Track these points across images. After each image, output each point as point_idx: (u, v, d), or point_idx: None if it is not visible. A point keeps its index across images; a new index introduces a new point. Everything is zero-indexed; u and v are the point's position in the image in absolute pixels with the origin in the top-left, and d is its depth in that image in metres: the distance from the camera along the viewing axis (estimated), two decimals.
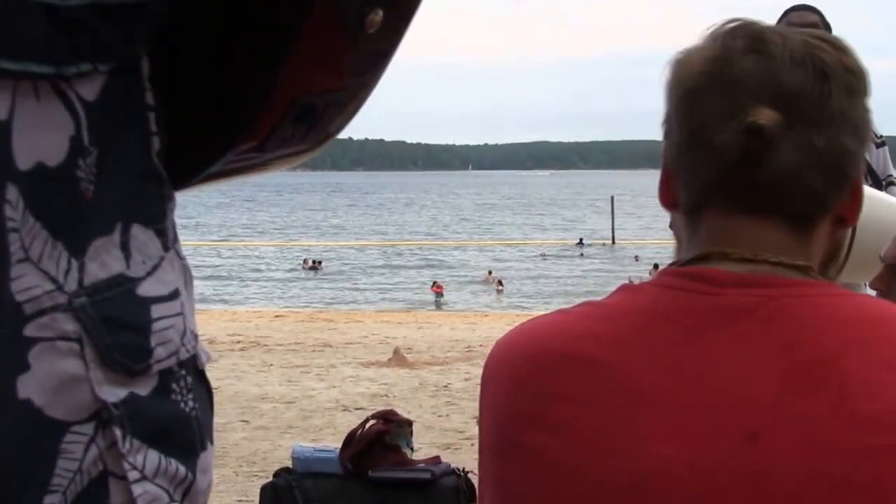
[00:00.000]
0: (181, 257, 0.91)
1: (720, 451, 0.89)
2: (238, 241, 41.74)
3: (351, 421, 5.77)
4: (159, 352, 0.84)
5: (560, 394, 0.97)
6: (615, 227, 37.30)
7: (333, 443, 4.87)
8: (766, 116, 0.95)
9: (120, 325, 0.81)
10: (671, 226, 1.09)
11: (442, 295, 22.30)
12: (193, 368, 0.89)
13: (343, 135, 1.07)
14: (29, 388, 0.76)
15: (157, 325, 0.84)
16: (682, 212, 1.03)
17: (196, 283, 0.94)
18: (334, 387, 7.84)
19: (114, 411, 0.80)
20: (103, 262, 0.80)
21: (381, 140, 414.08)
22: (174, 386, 0.86)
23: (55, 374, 0.77)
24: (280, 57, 0.90)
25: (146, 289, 0.84)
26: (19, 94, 0.75)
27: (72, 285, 0.78)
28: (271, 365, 8.98)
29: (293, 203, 79.01)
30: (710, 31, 1.02)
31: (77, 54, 0.77)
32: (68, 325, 0.78)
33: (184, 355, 0.87)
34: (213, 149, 0.95)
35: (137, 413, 0.81)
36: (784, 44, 0.97)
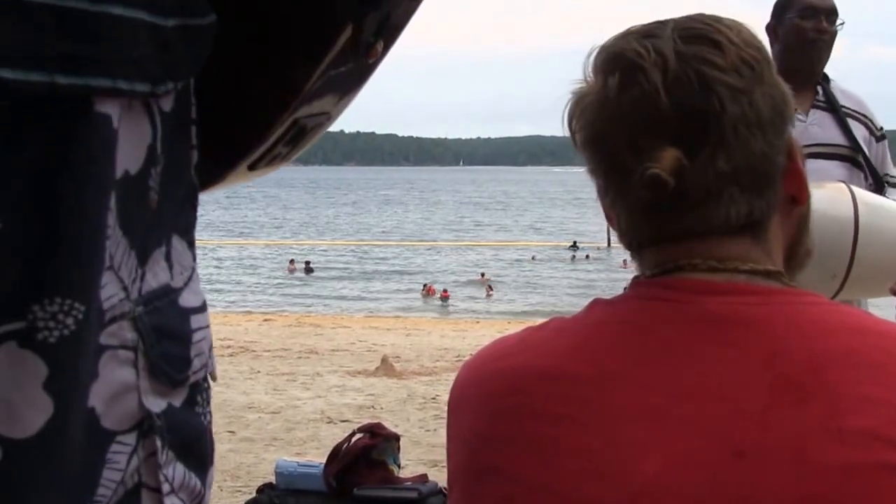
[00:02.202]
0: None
1: (708, 471, 0.86)
2: (228, 240, 41.68)
3: (336, 434, 5.74)
4: (196, 363, 0.83)
5: (538, 412, 0.92)
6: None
7: (317, 457, 4.85)
8: (663, 163, 0.91)
9: (166, 334, 0.80)
10: None
11: (447, 299, 22.22)
12: (209, 380, 0.89)
13: (334, 127, 1.09)
14: (94, 396, 0.75)
15: (195, 336, 0.83)
16: (627, 246, 1.02)
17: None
18: (320, 397, 7.75)
19: (157, 421, 0.79)
20: (155, 272, 0.80)
21: (373, 133, 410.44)
22: (198, 398, 0.85)
23: (113, 383, 0.76)
24: (301, 80, 0.91)
25: (185, 299, 0.83)
26: (123, 108, 0.76)
27: (134, 294, 0.77)
28: (258, 372, 8.90)
29: (285, 200, 78.85)
30: (593, 56, 0.98)
31: (166, 73, 0.78)
32: (129, 333, 0.77)
33: (210, 367, 0.86)
34: (223, 165, 0.96)
35: (173, 424, 0.80)
36: (663, 64, 0.92)
